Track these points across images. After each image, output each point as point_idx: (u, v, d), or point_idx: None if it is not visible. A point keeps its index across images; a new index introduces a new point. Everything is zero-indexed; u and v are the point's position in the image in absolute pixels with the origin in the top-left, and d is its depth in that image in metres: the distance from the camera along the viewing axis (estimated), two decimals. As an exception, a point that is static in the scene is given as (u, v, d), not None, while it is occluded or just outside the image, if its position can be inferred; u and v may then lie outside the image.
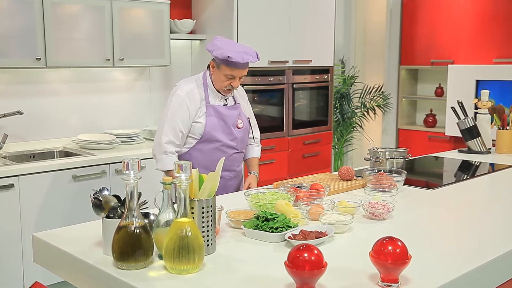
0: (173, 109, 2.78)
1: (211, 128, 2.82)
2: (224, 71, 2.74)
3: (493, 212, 2.38)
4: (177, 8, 4.59)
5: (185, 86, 2.83)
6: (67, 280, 1.82)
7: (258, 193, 2.30)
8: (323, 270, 1.43)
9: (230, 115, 2.88)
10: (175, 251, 1.55)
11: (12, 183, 3.28)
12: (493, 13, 5.35)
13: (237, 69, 2.73)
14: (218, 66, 2.76)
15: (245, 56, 2.71)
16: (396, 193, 2.39)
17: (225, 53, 2.68)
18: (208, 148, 2.84)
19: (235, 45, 2.82)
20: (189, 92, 2.80)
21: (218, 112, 2.84)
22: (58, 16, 3.67)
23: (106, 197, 1.73)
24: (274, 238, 1.86)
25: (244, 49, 2.75)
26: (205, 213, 1.72)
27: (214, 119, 2.82)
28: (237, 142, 2.92)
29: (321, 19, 5.10)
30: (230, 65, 2.71)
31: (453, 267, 1.65)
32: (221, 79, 2.77)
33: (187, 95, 2.79)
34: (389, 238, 1.52)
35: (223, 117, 2.84)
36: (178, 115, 2.77)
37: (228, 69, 2.73)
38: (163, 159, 2.79)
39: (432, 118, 5.98)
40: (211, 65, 2.81)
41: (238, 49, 2.72)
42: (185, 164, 1.58)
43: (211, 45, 2.78)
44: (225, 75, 2.75)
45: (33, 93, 3.96)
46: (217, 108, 2.84)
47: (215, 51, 2.73)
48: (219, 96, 2.86)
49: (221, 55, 2.69)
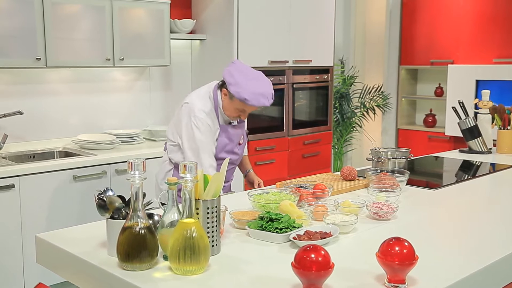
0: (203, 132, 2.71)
1: (218, 149, 2.80)
2: (236, 105, 2.70)
3: (496, 212, 2.38)
4: (177, 8, 4.58)
5: (202, 107, 2.74)
6: (71, 281, 1.81)
7: (261, 194, 2.29)
8: (330, 271, 1.42)
9: (236, 134, 2.88)
10: (180, 252, 1.54)
11: (13, 183, 3.27)
12: (493, 13, 5.35)
13: (252, 107, 2.70)
14: (231, 97, 2.70)
15: (261, 99, 2.66)
16: (399, 193, 2.38)
17: (243, 94, 2.62)
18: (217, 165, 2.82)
19: (253, 82, 2.69)
20: (209, 114, 2.74)
21: (227, 132, 2.82)
22: (58, 16, 3.66)
23: (110, 197, 1.72)
24: (279, 238, 1.85)
25: (261, 90, 2.67)
26: (210, 213, 1.72)
27: (223, 140, 2.81)
28: (237, 158, 2.95)
29: (321, 19, 5.10)
30: (244, 102, 2.66)
31: (459, 268, 1.64)
32: (231, 109, 2.74)
33: (207, 116, 2.73)
34: (396, 239, 1.51)
35: (230, 137, 2.84)
36: (210, 139, 2.73)
37: (241, 105, 2.69)
38: None
39: (432, 118, 5.99)
40: (224, 92, 2.74)
41: (256, 91, 2.65)
42: (190, 164, 1.57)
43: (229, 76, 2.69)
44: (236, 108, 2.72)
45: (33, 93, 3.95)
46: (226, 128, 2.82)
47: (232, 86, 2.66)
48: (226, 118, 2.84)
49: (238, 95, 2.63)
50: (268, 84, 2.73)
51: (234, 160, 2.93)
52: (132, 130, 4.33)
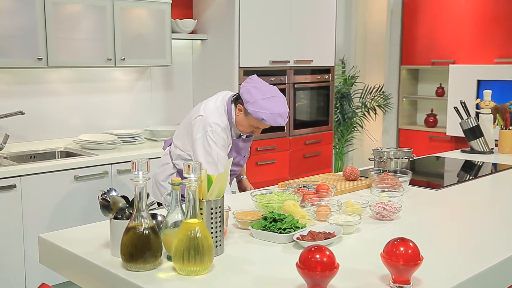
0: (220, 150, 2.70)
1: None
2: (251, 122, 2.70)
3: (499, 212, 2.37)
4: (178, 8, 4.57)
5: (220, 122, 2.72)
6: (74, 281, 1.80)
7: (264, 194, 2.29)
8: (335, 271, 1.42)
9: (244, 148, 2.89)
10: (184, 252, 1.54)
11: (14, 183, 3.27)
12: (494, 13, 5.35)
13: (266, 125, 2.71)
14: (246, 114, 2.70)
15: (278, 119, 2.67)
16: (402, 193, 2.38)
17: (260, 114, 2.63)
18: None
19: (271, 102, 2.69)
20: (225, 129, 2.73)
21: (237, 146, 2.83)
22: (60, 16, 3.65)
23: (114, 198, 1.72)
24: (283, 239, 1.85)
25: (278, 110, 2.68)
26: (213, 214, 1.71)
27: (233, 153, 2.83)
28: (239, 169, 2.98)
29: (322, 19, 5.09)
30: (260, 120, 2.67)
31: (464, 268, 1.64)
32: (246, 126, 2.74)
33: (223, 131, 2.72)
34: (400, 239, 1.51)
35: (238, 150, 2.85)
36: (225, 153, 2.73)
37: (256, 123, 2.70)
38: None
39: (433, 118, 5.98)
40: (239, 108, 2.73)
41: (273, 111, 2.66)
42: (194, 165, 1.57)
43: (247, 93, 2.69)
44: (250, 125, 2.72)
45: (34, 93, 3.94)
46: (237, 142, 2.83)
47: (250, 104, 2.66)
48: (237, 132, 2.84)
49: (256, 115, 2.64)
50: (284, 103, 2.74)
51: (236, 171, 2.96)
52: (133, 130, 4.33)
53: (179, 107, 4.75)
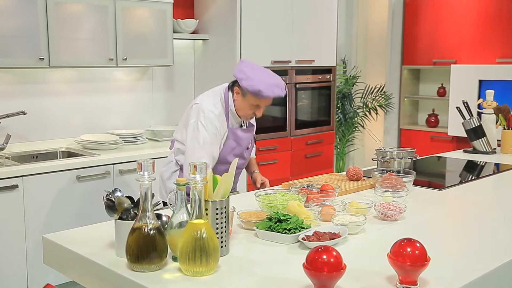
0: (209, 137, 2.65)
1: (226, 151, 2.76)
2: (251, 101, 2.67)
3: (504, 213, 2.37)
4: (180, 8, 4.57)
5: (214, 109, 2.70)
6: (79, 282, 1.80)
7: (268, 194, 2.28)
8: (342, 272, 1.42)
9: (245, 138, 2.84)
10: (190, 253, 1.53)
11: (17, 183, 3.26)
12: (496, 12, 5.34)
13: (265, 100, 2.67)
14: (244, 94, 2.68)
15: (276, 90, 2.64)
16: (406, 193, 2.37)
17: (256, 86, 2.59)
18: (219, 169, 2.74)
19: (265, 75, 2.68)
20: (219, 116, 2.69)
21: (236, 135, 2.78)
22: (62, 15, 3.65)
23: (119, 198, 1.71)
24: (288, 239, 1.84)
25: (275, 81, 2.65)
26: (219, 214, 1.71)
27: (231, 142, 2.77)
28: (244, 162, 2.92)
29: (324, 19, 5.09)
30: (259, 96, 2.63)
31: (471, 269, 1.64)
32: (246, 107, 2.71)
33: (217, 118, 2.68)
34: (407, 240, 1.50)
35: (239, 140, 2.80)
36: (213, 141, 2.67)
37: (255, 100, 2.66)
38: None
39: (434, 118, 5.98)
40: (236, 91, 2.71)
41: (269, 82, 2.63)
42: (200, 165, 1.56)
43: (240, 72, 2.67)
44: (250, 105, 2.69)
45: (36, 93, 3.94)
46: (236, 132, 2.78)
47: (244, 81, 2.63)
48: (237, 120, 2.80)
49: (252, 88, 2.60)
50: (278, 77, 2.73)
51: (240, 164, 2.89)
52: (135, 130, 4.32)
53: (180, 107, 4.73)
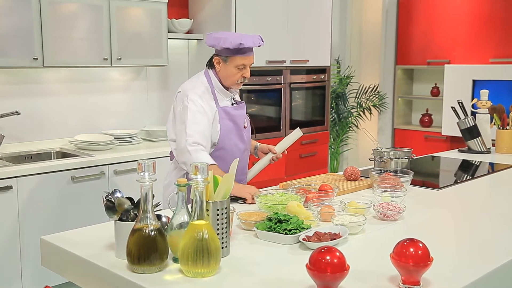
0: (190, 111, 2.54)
1: (225, 132, 2.66)
2: (235, 62, 2.58)
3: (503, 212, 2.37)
4: (174, 7, 4.55)
5: (194, 89, 2.61)
6: (78, 284, 1.78)
7: (267, 194, 2.27)
8: (345, 273, 1.41)
9: (239, 115, 2.73)
10: (191, 254, 1.52)
11: (11, 184, 3.23)
12: (489, 13, 5.36)
13: (248, 57, 2.60)
14: (225, 60, 2.59)
15: (255, 39, 2.61)
16: (404, 193, 2.37)
17: (235, 40, 2.52)
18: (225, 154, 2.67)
19: (237, 33, 2.67)
20: (201, 95, 2.60)
21: (229, 114, 2.68)
22: (56, 15, 3.62)
23: (119, 199, 1.69)
24: (288, 240, 1.83)
25: (250, 35, 2.64)
26: (219, 215, 1.70)
27: (227, 122, 2.66)
28: (247, 143, 2.80)
29: (318, 19, 5.08)
30: (241, 53, 2.57)
31: (474, 268, 1.64)
32: (232, 72, 2.61)
33: (200, 97, 2.59)
34: (410, 240, 1.50)
35: (233, 119, 2.69)
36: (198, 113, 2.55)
37: (239, 59, 2.58)
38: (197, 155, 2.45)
39: (428, 118, 5.99)
40: (216, 61, 2.63)
41: (245, 35, 2.59)
42: (202, 165, 1.55)
43: (213, 39, 2.60)
44: (236, 67, 2.59)
45: (30, 93, 3.91)
46: (227, 109, 2.68)
47: (221, 42, 2.55)
48: (227, 95, 2.71)
49: (232, 44, 2.52)
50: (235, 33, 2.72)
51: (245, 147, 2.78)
52: (130, 130, 4.30)
53: (175, 107, 4.72)
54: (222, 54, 2.60)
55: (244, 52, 2.58)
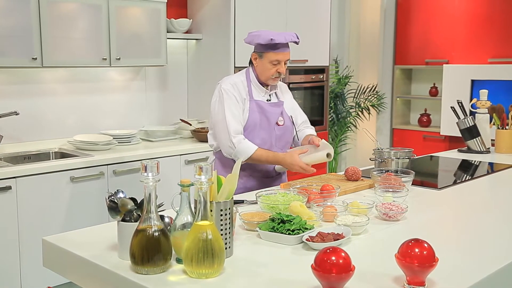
0: (226, 101, 2.72)
1: (252, 123, 2.76)
2: (269, 58, 2.71)
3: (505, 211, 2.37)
4: (173, 7, 4.54)
5: (229, 79, 2.80)
6: (81, 284, 1.77)
7: (269, 195, 2.27)
8: (351, 273, 1.40)
9: (273, 112, 2.82)
10: (195, 255, 1.52)
11: (10, 185, 3.22)
12: (488, 13, 5.37)
13: (281, 53, 2.71)
14: (261, 55, 2.73)
15: (287, 36, 2.71)
16: (406, 193, 2.37)
17: (267, 36, 2.67)
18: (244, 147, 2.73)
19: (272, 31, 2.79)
20: (233, 85, 2.76)
21: (261, 107, 2.79)
22: (55, 15, 3.61)
23: (123, 200, 1.68)
24: (292, 240, 1.83)
25: (284, 32, 2.74)
26: (223, 215, 1.69)
27: (256, 114, 2.77)
28: (274, 140, 2.85)
29: (317, 18, 5.08)
30: (274, 48, 2.69)
31: (478, 268, 1.64)
32: (267, 67, 2.73)
33: (232, 87, 2.75)
34: (415, 240, 1.49)
35: (265, 113, 2.79)
36: (233, 105, 2.72)
37: (272, 54, 2.70)
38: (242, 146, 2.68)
39: (427, 117, 6.00)
40: (253, 57, 2.78)
41: (278, 32, 2.73)
42: (206, 166, 1.54)
43: (249, 36, 2.77)
44: (270, 62, 2.72)
45: (29, 93, 3.89)
46: (261, 104, 2.79)
47: (255, 39, 2.72)
48: (263, 91, 2.82)
49: (264, 39, 2.66)
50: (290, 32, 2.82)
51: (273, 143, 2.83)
52: (129, 130, 4.28)
53: (174, 107, 4.71)
54: (257, 50, 2.75)
55: (277, 48, 2.71)
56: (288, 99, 2.97)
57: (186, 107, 4.79)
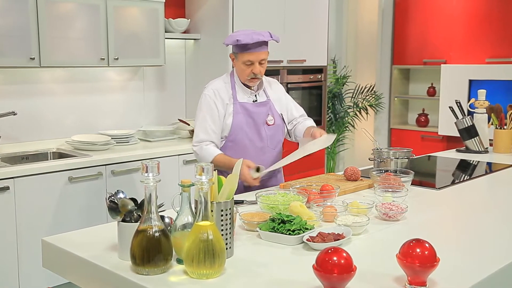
0: (202, 109, 2.76)
1: (237, 126, 2.75)
2: (242, 59, 2.67)
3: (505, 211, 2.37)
4: (171, 7, 4.53)
5: (212, 85, 2.81)
6: (81, 285, 1.76)
7: (268, 195, 2.26)
8: (352, 274, 1.40)
9: (259, 112, 2.79)
10: (196, 255, 1.51)
11: (8, 185, 3.21)
12: (485, 12, 5.38)
13: (253, 53, 2.65)
14: (236, 56, 2.71)
15: (255, 36, 2.63)
16: (406, 193, 2.37)
17: (235, 37, 2.64)
18: (238, 148, 2.76)
19: (248, 30, 2.74)
20: (215, 90, 2.76)
21: (246, 109, 2.77)
22: (53, 14, 3.60)
23: (123, 200, 1.68)
24: (292, 240, 1.82)
25: (255, 31, 2.69)
26: (223, 215, 1.69)
27: (241, 116, 2.75)
28: (266, 140, 2.82)
29: (315, 19, 5.08)
30: (245, 49, 2.65)
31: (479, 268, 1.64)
32: (242, 68, 2.71)
33: (214, 93, 2.76)
34: (416, 240, 1.49)
35: (251, 114, 2.77)
36: (208, 114, 2.74)
37: (244, 55, 2.66)
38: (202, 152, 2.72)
39: (425, 117, 6.00)
40: (231, 58, 2.76)
41: (248, 32, 2.67)
42: (207, 166, 1.54)
43: (226, 38, 2.74)
44: (243, 63, 2.68)
45: (27, 93, 3.88)
46: (245, 105, 2.77)
47: (227, 40, 2.70)
48: (248, 92, 2.79)
49: (231, 41, 2.65)
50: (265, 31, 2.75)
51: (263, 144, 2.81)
52: (127, 130, 4.27)
53: (172, 107, 4.71)
54: (233, 51, 2.73)
55: (248, 48, 2.65)
56: (279, 94, 2.92)
57: (184, 107, 4.79)
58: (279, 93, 2.95)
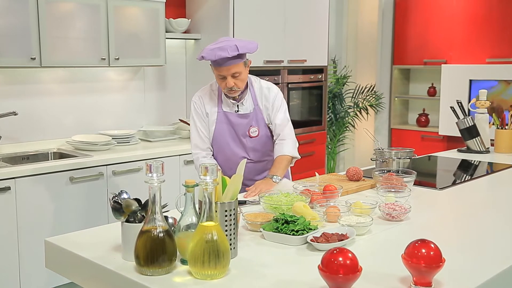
0: (193, 116, 2.81)
1: (219, 135, 2.78)
2: (215, 72, 2.65)
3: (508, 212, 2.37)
4: (172, 7, 4.52)
5: (200, 91, 2.85)
6: (84, 286, 1.76)
7: (271, 195, 2.26)
8: (358, 274, 1.40)
9: (240, 124, 2.76)
10: (201, 256, 1.51)
11: (9, 185, 3.20)
12: (486, 12, 5.38)
13: (223, 67, 2.57)
14: (212, 68, 2.67)
15: (218, 52, 2.52)
16: (409, 193, 2.36)
17: (201, 54, 2.59)
18: (221, 157, 2.82)
19: (218, 43, 2.62)
20: (200, 97, 2.81)
21: (228, 119, 2.76)
22: (53, 14, 3.59)
23: (127, 200, 1.67)
24: (296, 241, 1.82)
25: (220, 45, 2.55)
26: (228, 216, 1.68)
27: (223, 126, 2.76)
28: (247, 151, 2.80)
29: (315, 19, 5.08)
30: (215, 64, 2.59)
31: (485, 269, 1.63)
32: (218, 81, 2.68)
33: (199, 99, 2.80)
34: (421, 241, 1.49)
35: (232, 125, 2.77)
36: (198, 120, 2.80)
37: (216, 69, 2.62)
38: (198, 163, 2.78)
39: (425, 117, 6.00)
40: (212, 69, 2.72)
41: (213, 47, 2.57)
42: (211, 166, 1.53)
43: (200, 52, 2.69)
44: (217, 76, 2.65)
45: (27, 93, 3.87)
46: (228, 115, 2.76)
47: (198, 54, 2.65)
48: (230, 102, 2.77)
49: (199, 57, 2.60)
50: (231, 40, 2.64)
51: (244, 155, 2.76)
52: (127, 130, 4.27)
53: (172, 108, 4.70)
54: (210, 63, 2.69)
55: (218, 63, 2.58)
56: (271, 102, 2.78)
57: (184, 107, 4.78)
58: (269, 100, 2.80)
